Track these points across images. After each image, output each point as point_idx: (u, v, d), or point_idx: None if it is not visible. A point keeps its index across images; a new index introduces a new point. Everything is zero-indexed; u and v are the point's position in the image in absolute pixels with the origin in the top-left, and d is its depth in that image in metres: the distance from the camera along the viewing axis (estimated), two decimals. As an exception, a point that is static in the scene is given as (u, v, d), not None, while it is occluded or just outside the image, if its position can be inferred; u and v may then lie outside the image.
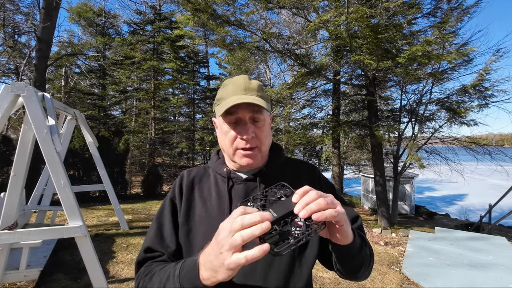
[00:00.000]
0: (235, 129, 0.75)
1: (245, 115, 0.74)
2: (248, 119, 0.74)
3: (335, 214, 0.53)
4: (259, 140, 0.76)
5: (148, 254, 0.75)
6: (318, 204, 0.52)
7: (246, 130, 0.73)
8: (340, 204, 0.56)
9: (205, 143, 12.58)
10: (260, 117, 0.76)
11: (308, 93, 8.96)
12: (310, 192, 0.54)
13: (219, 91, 0.80)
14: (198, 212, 0.78)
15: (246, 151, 0.75)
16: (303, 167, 0.88)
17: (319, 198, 0.53)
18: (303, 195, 0.54)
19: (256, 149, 0.76)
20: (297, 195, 0.54)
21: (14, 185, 2.68)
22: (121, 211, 5.33)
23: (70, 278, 3.39)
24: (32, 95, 2.49)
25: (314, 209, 0.51)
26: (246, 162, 0.75)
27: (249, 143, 0.74)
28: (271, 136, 0.83)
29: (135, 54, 11.86)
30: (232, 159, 0.78)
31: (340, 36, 5.57)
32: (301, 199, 0.53)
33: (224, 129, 0.77)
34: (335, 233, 0.60)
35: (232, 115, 0.74)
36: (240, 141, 0.74)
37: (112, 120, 12.10)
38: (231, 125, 0.75)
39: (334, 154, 9.40)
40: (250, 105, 0.73)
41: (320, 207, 0.52)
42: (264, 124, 0.77)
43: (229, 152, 0.77)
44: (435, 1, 6.39)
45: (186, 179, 0.85)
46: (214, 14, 5.36)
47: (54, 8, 6.23)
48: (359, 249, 0.68)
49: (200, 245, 0.72)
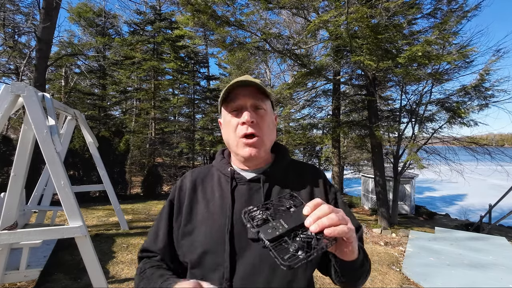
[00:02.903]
0: (237, 116, 0.76)
1: (246, 102, 0.75)
2: (249, 105, 0.75)
3: (346, 231, 0.52)
4: (260, 128, 0.76)
5: (144, 254, 0.82)
6: (330, 219, 0.51)
7: (246, 113, 0.74)
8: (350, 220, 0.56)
9: (205, 143, 12.57)
10: (261, 105, 0.76)
11: (308, 93, 8.97)
12: (322, 206, 0.53)
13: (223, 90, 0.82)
14: (201, 212, 0.77)
15: (248, 139, 0.74)
16: (308, 170, 0.87)
17: (331, 213, 0.52)
18: (314, 208, 0.53)
19: (259, 139, 0.75)
20: (308, 208, 0.53)
21: (14, 185, 2.68)
22: (121, 211, 5.33)
23: (70, 278, 3.39)
24: (32, 95, 2.49)
25: (326, 224, 0.50)
26: (248, 152, 0.75)
27: (251, 128, 0.74)
28: (275, 133, 0.83)
29: (135, 54, 11.86)
30: (236, 151, 0.77)
31: (340, 36, 5.57)
32: (313, 212, 0.52)
33: (227, 120, 0.77)
34: (343, 248, 0.59)
35: (233, 102, 0.75)
36: (241, 127, 0.75)
37: (112, 120, 12.09)
38: (233, 113, 0.76)
39: (334, 154, 9.40)
40: (251, 92, 0.74)
41: (332, 223, 0.51)
42: (266, 114, 0.78)
43: (233, 144, 0.77)
44: (435, 1, 6.40)
45: (188, 180, 0.85)
46: (214, 15, 5.36)
47: (54, 8, 6.23)
48: (361, 265, 0.68)
49: (202, 245, 0.72)
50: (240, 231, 0.72)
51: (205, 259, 0.72)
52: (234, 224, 0.72)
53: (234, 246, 0.70)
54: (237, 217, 0.73)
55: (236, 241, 0.71)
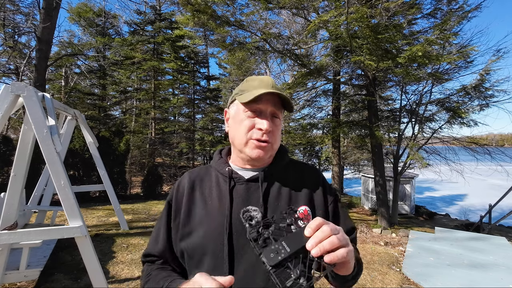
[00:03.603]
0: (253, 117, 0.76)
1: (267, 107, 0.75)
2: (269, 112, 0.76)
3: (345, 255, 0.53)
4: (273, 136, 0.76)
5: (147, 259, 0.83)
6: (331, 243, 0.52)
7: (266, 122, 0.74)
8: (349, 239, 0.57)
9: (205, 143, 12.57)
10: (279, 115, 0.78)
11: (308, 93, 8.97)
12: (324, 227, 0.54)
13: (241, 84, 0.81)
14: (199, 213, 0.77)
15: (260, 142, 0.75)
16: (306, 170, 0.87)
17: (332, 236, 0.53)
18: (316, 229, 0.53)
19: (270, 145, 0.76)
20: (310, 229, 0.54)
21: (14, 185, 2.68)
22: (121, 211, 5.33)
23: (70, 278, 3.39)
24: (32, 95, 2.49)
25: (327, 249, 0.51)
26: (257, 154, 0.75)
27: (266, 136, 0.74)
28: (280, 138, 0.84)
29: (135, 54, 11.86)
30: (242, 149, 0.77)
31: (340, 36, 5.57)
32: (315, 235, 0.53)
33: (241, 117, 0.77)
34: (340, 267, 0.60)
35: (256, 104, 0.75)
36: (257, 131, 0.75)
37: (112, 120, 12.10)
38: (249, 113, 0.76)
39: (334, 154, 9.40)
40: (273, 99, 0.75)
41: (333, 246, 0.52)
42: (280, 124, 0.79)
43: (241, 142, 0.77)
44: (435, 1, 6.40)
45: (186, 180, 0.85)
46: (214, 15, 5.36)
47: (54, 8, 6.24)
48: (355, 276, 0.70)
49: (201, 246, 0.72)
50: (239, 231, 0.71)
51: (204, 259, 0.72)
52: (232, 224, 0.72)
53: (233, 246, 0.70)
54: (236, 217, 0.73)
55: (235, 241, 0.71)
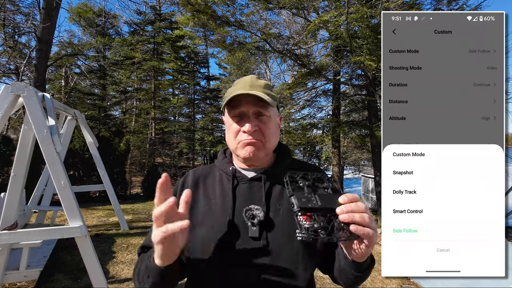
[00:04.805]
0: (239, 122, 0.76)
1: (248, 109, 0.75)
2: (251, 113, 0.76)
3: (371, 235, 0.53)
4: (263, 135, 0.76)
5: (144, 250, 0.82)
6: (362, 217, 0.52)
7: (248, 124, 0.74)
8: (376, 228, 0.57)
9: (205, 143, 12.58)
10: (264, 112, 0.76)
11: (308, 93, 8.97)
12: (359, 203, 0.54)
13: (228, 89, 0.82)
14: (202, 210, 0.78)
15: (248, 141, 0.75)
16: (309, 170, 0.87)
17: (365, 213, 0.53)
18: (350, 201, 0.54)
19: (260, 142, 0.76)
20: (346, 198, 0.54)
21: (14, 185, 2.68)
22: (121, 211, 5.33)
23: (70, 278, 3.39)
24: (32, 95, 2.49)
25: (356, 220, 0.51)
26: (248, 151, 0.75)
27: (251, 136, 0.74)
28: (278, 136, 0.83)
29: (135, 54, 11.86)
30: (236, 152, 0.78)
31: (340, 37, 5.57)
32: (348, 204, 0.53)
33: (229, 122, 0.78)
34: (359, 249, 0.58)
35: (236, 109, 0.76)
36: (242, 134, 0.75)
37: (112, 120, 12.10)
38: (235, 119, 0.77)
39: (334, 154, 9.40)
40: (254, 99, 0.74)
41: (362, 222, 0.52)
42: (270, 121, 0.78)
43: (233, 146, 0.78)
44: (435, 1, 6.40)
45: (191, 177, 0.85)
46: (214, 15, 5.36)
47: (54, 8, 6.24)
48: (366, 269, 0.67)
49: (202, 244, 0.72)
50: (241, 229, 0.72)
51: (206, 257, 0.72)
52: (235, 222, 0.73)
53: (235, 245, 0.71)
54: (238, 215, 0.73)
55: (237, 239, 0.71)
